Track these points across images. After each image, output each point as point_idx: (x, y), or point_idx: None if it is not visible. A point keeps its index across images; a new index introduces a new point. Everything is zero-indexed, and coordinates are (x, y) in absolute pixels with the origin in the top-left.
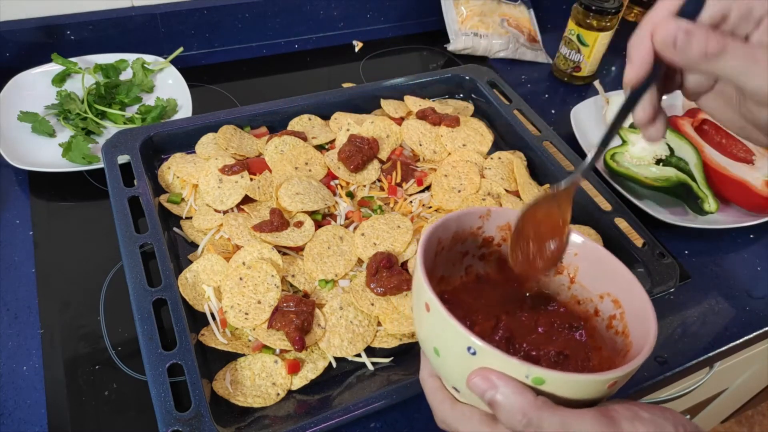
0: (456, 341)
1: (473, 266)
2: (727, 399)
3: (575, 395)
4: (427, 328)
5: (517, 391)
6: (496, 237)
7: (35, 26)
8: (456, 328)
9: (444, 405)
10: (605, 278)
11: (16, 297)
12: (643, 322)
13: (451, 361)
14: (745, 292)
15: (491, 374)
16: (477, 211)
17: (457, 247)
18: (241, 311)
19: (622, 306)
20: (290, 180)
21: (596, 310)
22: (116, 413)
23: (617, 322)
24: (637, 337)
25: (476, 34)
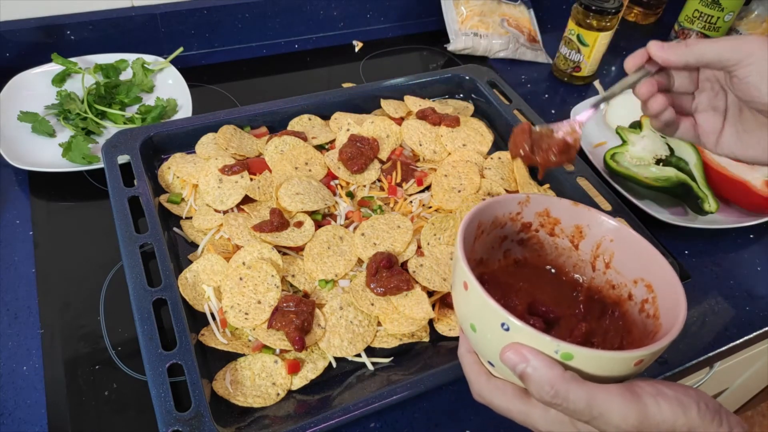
0: (491, 318)
1: (511, 251)
2: (727, 399)
3: (602, 372)
4: (465, 306)
5: (547, 365)
6: (534, 223)
7: (35, 26)
8: (491, 306)
9: (480, 378)
10: (640, 263)
11: (16, 297)
12: (673, 305)
13: (487, 336)
14: (745, 292)
15: (523, 349)
16: (516, 197)
17: (496, 231)
18: (241, 311)
19: (654, 290)
20: (290, 180)
21: (630, 294)
22: (116, 413)
23: (649, 305)
24: (666, 320)
25: (476, 34)
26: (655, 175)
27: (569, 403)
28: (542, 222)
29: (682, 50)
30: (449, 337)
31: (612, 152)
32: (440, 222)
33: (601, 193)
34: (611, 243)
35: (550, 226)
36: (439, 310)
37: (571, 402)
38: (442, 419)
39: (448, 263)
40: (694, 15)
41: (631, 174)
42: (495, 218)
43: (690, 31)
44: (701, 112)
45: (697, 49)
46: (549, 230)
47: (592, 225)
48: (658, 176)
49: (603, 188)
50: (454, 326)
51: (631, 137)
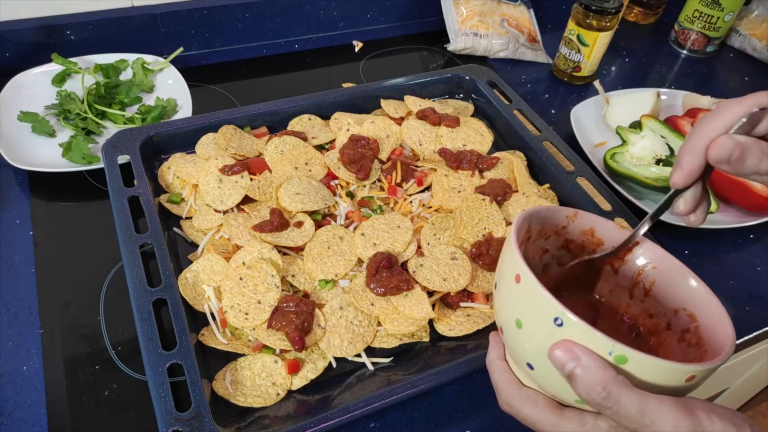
0: (544, 311)
1: (550, 266)
2: (727, 399)
3: (654, 380)
4: (513, 300)
5: (599, 366)
6: (577, 240)
7: (35, 26)
8: (547, 298)
9: (510, 386)
10: (682, 292)
11: (16, 297)
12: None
13: (534, 333)
14: (745, 292)
15: (574, 347)
16: (565, 210)
17: (539, 241)
18: (241, 311)
19: (697, 320)
20: (290, 180)
21: (669, 324)
22: (116, 413)
23: (690, 335)
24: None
25: (476, 34)
26: (655, 175)
27: (620, 407)
28: (585, 241)
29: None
30: (449, 337)
31: (612, 152)
32: (440, 222)
33: (601, 193)
34: (654, 270)
35: (592, 247)
36: (439, 310)
37: (623, 406)
38: (442, 419)
39: (448, 263)
40: (694, 15)
41: (631, 174)
42: (542, 227)
43: (690, 31)
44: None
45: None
46: (591, 251)
47: (636, 250)
48: (658, 176)
49: (603, 188)
50: (454, 326)
51: (631, 137)
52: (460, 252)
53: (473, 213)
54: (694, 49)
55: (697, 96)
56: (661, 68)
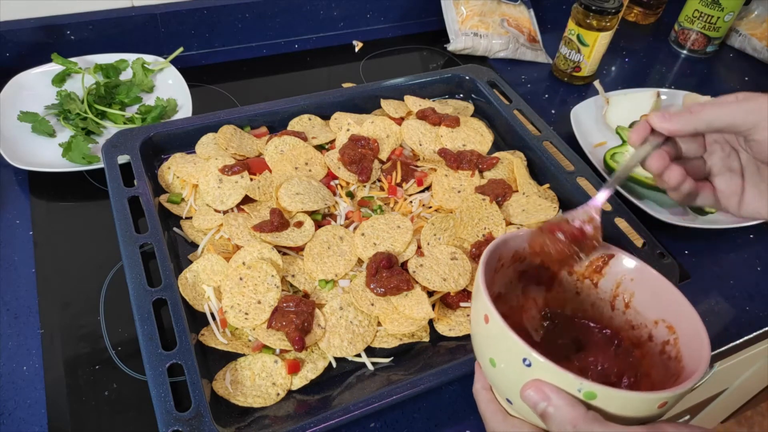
0: (512, 353)
1: (529, 287)
2: (727, 399)
3: (625, 412)
4: (484, 340)
5: (569, 404)
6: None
7: (35, 26)
8: (513, 340)
9: (497, 417)
10: (661, 304)
11: (16, 297)
12: (696, 347)
13: (506, 372)
14: (745, 292)
15: (544, 386)
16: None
17: (515, 265)
18: (241, 311)
19: (676, 332)
20: (290, 180)
21: (650, 335)
22: (116, 413)
23: (670, 347)
24: (689, 362)
25: (476, 34)
26: None
27: None
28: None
29: (688, 119)
30: (449, 337)
31: (612, 152)
32: (440, 222)
33: None
34: (631, 282)
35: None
36: (439, 310)
37: None
38: (442, 419)
39: (448, 263)
40: (694, 15)
41: (631, 174)
42: (515, 252)
43: (690, 31)
44: (717, 175)
45: (705, 117)
46: (568, 268)
47: (612, 263)
48: None
49: None
50: (454, 326)
51: None
52: (460, 252)
53: (473, 213)
54: (694, 49)
55: (697, 96)
56: (661, 68)
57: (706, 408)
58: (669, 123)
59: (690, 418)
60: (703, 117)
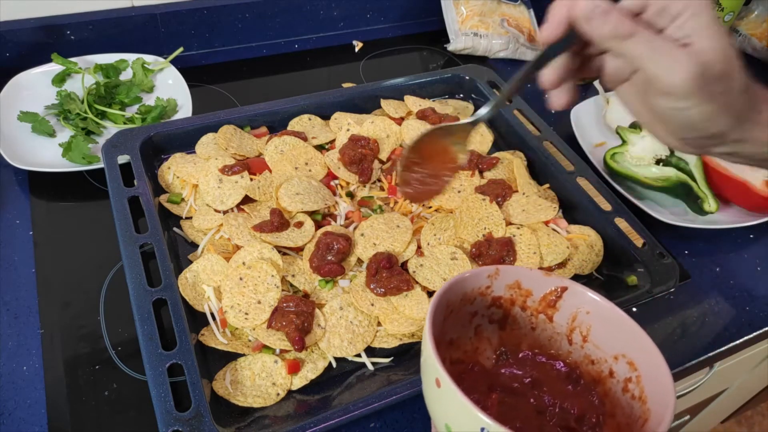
0: (468, 421)
1: (482, 326)
2: (727, 399)
3: None
4: (438, 404)
5: None
6: (505, 295)
7: (35, 26)
8: (468, 408)
9: None
10: (619, 338)
11: (16, 297)
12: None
13: None
14: (745, 292)
15: None
16: (485, 270)
17: (466, 308)
18: (241, 311)
19: (638, 369)
20: (290, 180)
21: (611, 371)
22: (116, 413)
23: (633, 385)
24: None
25: (476, 34)
26: (655, 175)
27: None
28: (513, 295)
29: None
30: None
31: (612, 152)
32: (440, 222)
33: (601, 193)
34: (588, 315)
35: (522, 299)
36: None
37: None
38: None
39: (448, 263)
40: None
41: (631, 174)
42: (464, 294)
43: None
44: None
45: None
46: (521, 303)
47: (566, 296)
48: (658, 176)
49: (603, 188)
50: None
51: (631, 137)
52: (460, 252)
53: (473, 213)
54: None
55: None
56: None
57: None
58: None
59: (690, 418)
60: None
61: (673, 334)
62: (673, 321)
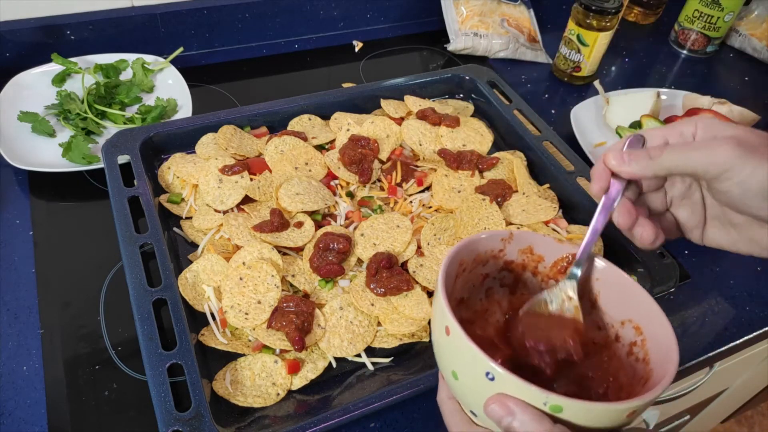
0: (475, 366)
1: (494, 289)
2: (727, 399)
3: (593, 424)
4: (446, 352)
5: (535, 419)
6: (517, 260)
7: (35, 26)
8: (475, 353)
9: (461, 427)
10: (627, 304)
11: (16, 297)
12: (665, 350)
13: (469, 385)
14: (745, 292)
15: (509, 401)
16: (499, 233)
17: (478, 269)
18: (241, 311)
19: (643, 333)
20: (290, 180)
21: (617, 336)
22: (116, 413)
23: (638, 349)
24: (657, 365)
25: (476, 34)
26: None
27: None
28: (525, 260)
29: (647, 164)
30: None
31: None
32: (440, 222)
33: None
34: (597, 282)
35: (533, 264)
36: None
37: None
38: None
39: None
40: (694, 15)
41: None
42: (477, 255)
43: (690, 31)
44: (678, 207)
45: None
46: (532, 269)
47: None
48: None
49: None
50: None
51: None
52: None
53: (473, 213)
54: (694, 49)
55: (697, 96)
56: (661, 68)
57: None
58: (628, 167)
59: (690, 418)
60: (664, 163)
61: None
62: (673, 321)
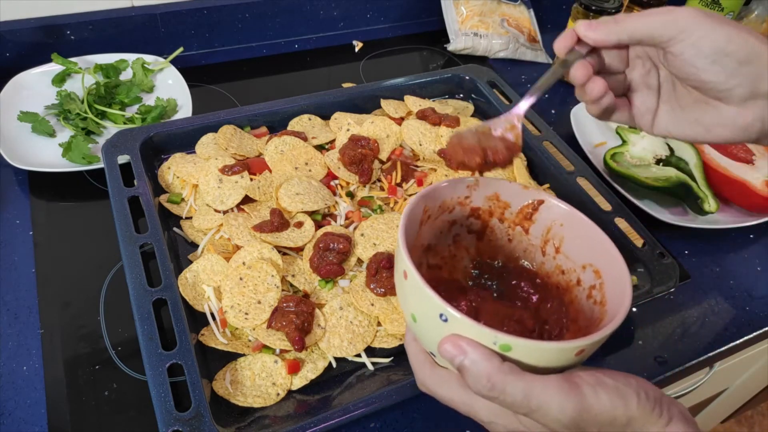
0: (430, 308)
1: (460, 236)
2: (727, 399)
3: (542, 363)
4: (405, 295)
5: (484, 357)
6: (483, 207)
7: (35, 26)
8: (429, 296)
9: (424, 367)
10: (589, 248)
11: (16, 297)
12: (619, 292)
13: (426, 327)
14: (745, 292)
15: (461, 341)
16: (464, 180)
17: (444, 216)
18: (241, 311)
19: (602, 276)
20: (290, 180)
21: (578, 279)
22: (116, 413)
23: (596, 292)
24: (612, 307)
25: (476, 34)
26: (655, 175)
27: (506, 396)
28: (492, 206)
29: (612, 27)
30: None
31: (612, 152)
32: None
33: (601, 193)
34: (561, 227)
35: (500, 211)
36: None
37: (509, 395)
38: (442, 419)
39: None
40: None
41: (631, 174)
42: (443, 202)
43: None
44: (635, 91)
45: (628, 26)
46: (499, 215)
47: (542, 209)
48: (658, 176)
49: (603, 188)
50: None
51: (631, 137)
52: None
53: None
54: None
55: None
56: None
57: (706, 408)
58: (595, 32)
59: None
60: (626, 27)
61: (673, 334)
62: (673, 321)
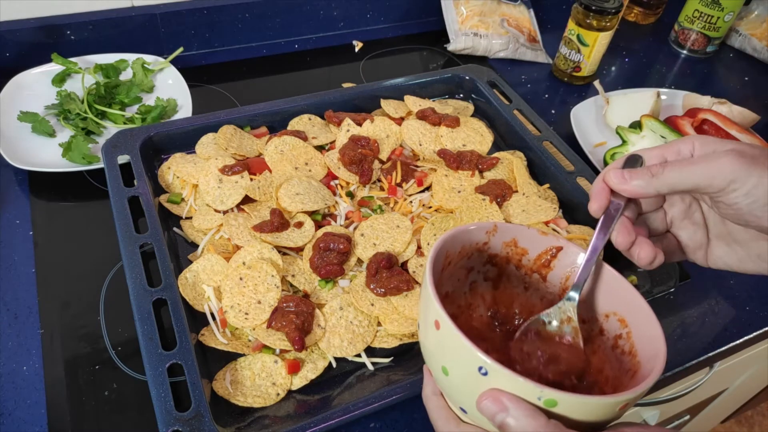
0: (467, 361)
1: (477, 283)
2: (727, 399)
3: (586, 417)
4: (435, 346)
5: (529, 414)
6: (501, 253)
7: (35, 26)
8: (468, 348)
9: (449, 424)
10: (611, 297)
11: (16, 297)
12: (651, 341)
13: (461, 380)
14: (745, 292)
15: (502, 396)
16: (484, 226)
17: (462, 262)
18: (241, 311)
19: (628, 325)
20: (290, 180)
21: (601, 329)
22: (116, 413)
23: (623, 341)
24: (645, 357)
25: (476, 34)
26: None
27: None
28: (509, 253)
29: (649, 181)
30: None
31: (612, 152)
32: (440, 222)
33: None
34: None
35: (517, 257)
36: None
37: None
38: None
39: None
40: (694, 15)
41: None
42: (462, 247)
43: (690, 31)
44: (679, 228)
45: (668, 180)
46: (516, 262)
47: (561, 256)
48: None
49: None
50: None
51: (631, 137)
52: None
53: (473, 213)
54: (694, 49)
55: (697, 96)
56: (661, 68)
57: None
58: (630, 185)
59: (690, 418)
60: (665, 180)
61: (673, 334)
62: (673, 321)
